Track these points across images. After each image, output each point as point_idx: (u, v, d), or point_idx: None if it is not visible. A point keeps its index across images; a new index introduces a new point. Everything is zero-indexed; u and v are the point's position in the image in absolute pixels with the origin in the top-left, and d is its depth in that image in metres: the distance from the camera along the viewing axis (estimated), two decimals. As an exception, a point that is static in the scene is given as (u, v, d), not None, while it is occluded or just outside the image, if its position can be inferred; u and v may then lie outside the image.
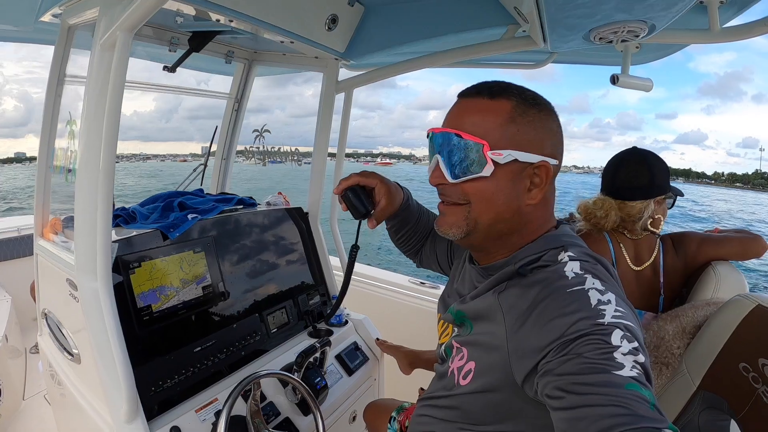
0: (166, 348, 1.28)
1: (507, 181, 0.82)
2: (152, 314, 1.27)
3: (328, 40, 1.56)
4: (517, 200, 0.83)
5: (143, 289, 1.26)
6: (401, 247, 1.33)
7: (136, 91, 1.85)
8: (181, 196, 1.58)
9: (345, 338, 1.86)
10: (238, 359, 1.47)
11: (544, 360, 0.68)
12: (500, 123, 0.81)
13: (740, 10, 1.26)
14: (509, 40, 1.52)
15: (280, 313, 1.70)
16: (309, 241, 1.97)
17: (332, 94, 1.84)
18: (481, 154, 0.80)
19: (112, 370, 1.07)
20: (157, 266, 1.32)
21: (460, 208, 0.85)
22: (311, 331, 1.78)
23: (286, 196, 1.98)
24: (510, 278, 0.83)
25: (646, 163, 1.50)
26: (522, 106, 0.82)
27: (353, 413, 1.72)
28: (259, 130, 2.02)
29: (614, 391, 0.57)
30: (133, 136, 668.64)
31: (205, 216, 1.51)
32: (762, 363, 0.93)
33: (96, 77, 1.01)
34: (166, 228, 1.34)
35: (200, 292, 1.42)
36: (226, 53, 1.74)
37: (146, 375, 1.19)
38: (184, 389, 1.27)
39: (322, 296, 1.93)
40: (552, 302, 0.72)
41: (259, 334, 1.58)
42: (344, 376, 1.72)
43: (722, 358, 1.04)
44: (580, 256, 0.80)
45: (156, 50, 1.56)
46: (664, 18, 1.12)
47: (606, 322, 0.65)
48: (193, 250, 1.44)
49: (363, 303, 2.59)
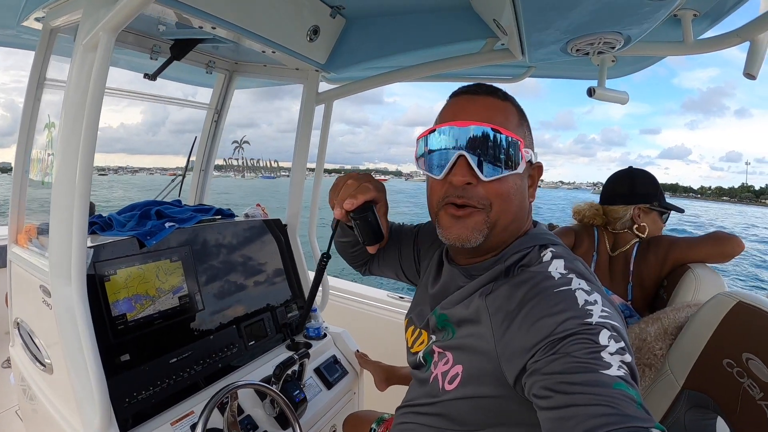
0: (141, 358, 1.24)
1: (522, 181, 0.85)
2: (127, 323, 1.23)
3: (310, 51, 1.57)
4: (525, 199, 0.87)
5: (118, 297, 1.23)
6: (353, 258, 1.25)
7: (122, 103, 1.83)
8: (158, 206, 1.55)
9: (324, 351, 1.84)
10: (215, 371, 1.43)
11: (532, 359, 0.67)
12: (517, 124, 0.84)
13: (713, 23, 1.31)
14: (488, 53, 1.56)
15: (257, 325, 1.67)
16: (287, 253, 1.95)
17: (312, 105, 1.85)
18: (518, 151, 0.80)
19: (85, 380, 1.04)
20: (132, 274, 1.29)
21: (481, 213, 0.82)
22: (289, 343, 1.75)
23: (264, 208, 1.97)
24: (496, 278, 0.84)
25: (630, 175, 1.77)
26: (520, 111, 0.87)
27: (333, 427, 1.68)
28: (239, 142, 2.01)
29: (602, 391, 0.58)
30: (119, 148, 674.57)
31: (183, 225, 1.49)
32: (746, 357, 0.95)
33: (77, 78, 0.99)
34: (143, 235, 1.32)
35: (177, 302, 1.39)
36: (207, 63, 1.74)
37: (120, 386, 1.15)
38: (159, 401, 1.23)
39: (300, 308, 1.91)
40: (539, 302, 0.72)
41: (237, 346, 1.55)
42: (323, 390, 1.69)
43: (705, 355, 1.06)
44: (562, 253, 0.82)
45: (137, 59, 1.54)
46: (639, 30, 1.17)
47: (594, 321, 0.66)
48: (170, 259, 1.41)
49: (341, 317, 2.57)
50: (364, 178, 0.93)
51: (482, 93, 0.85)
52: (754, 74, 1.28)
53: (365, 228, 0.93)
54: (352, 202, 0.89)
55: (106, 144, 38.39)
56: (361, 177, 0.93)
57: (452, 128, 0.81)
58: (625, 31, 1.17)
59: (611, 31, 1.17)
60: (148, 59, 1.51)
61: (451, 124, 0.81)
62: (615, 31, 1.17)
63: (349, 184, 0.91)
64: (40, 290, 1.20)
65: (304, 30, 1.46)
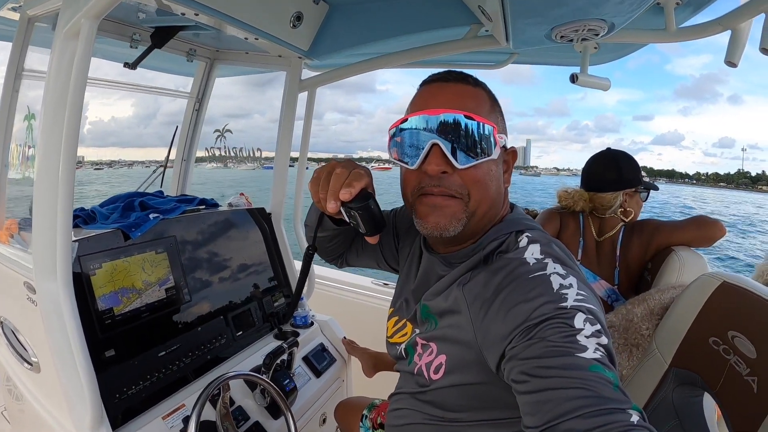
0: (129, 353, 1.23)
1: (498, 166, 0.84)
2: (114, 317, 1.22)
3: (293, 37, 1.55)
4: (501, 185, 0.86)
5: (104, 291, 1.21)
6: (328, 252, 1.19)
7: (114, 96, 1.78)
8: (141, 197, 1.53)
9: (311, 339, 1.84)
10: (204, 363, 1.43)
11: (510, 345, 0.68)
12: (489, 109, 0.83)
13: (695, 11, 1.34)
14: (472, 39, 1.56)
15: (245, 315, 1.67)
16: (272, 242, 1.94)
17: (295, 93, 1.83)
18: (492, 137, 0.79)
19: (74, 377, 1.02)
20: (118, 267, 1.26)
21: (459, 201, 0.80)
22: (277, 333, 1.75)
23: (248, 197, 1.95)
24: (474, 267, 0.84)
25: (615, 160, 1.74)
26: (492, 97, 0.86)
27: (323, 415, 1.70)
28: (220, 130, 1.97)
29: (578, 374, 0.58)
30: (111, 142, 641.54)
31: (167, 216, 1.47)
32: (732, 335, 0.99)
33: (58, 67, 0.96)
34: (127, 227, 1.29)
35: (163, 294, 1.38)
36: (188, 51, 1.70)
37: (110, 382, 1.13)
38: (150, 395, 1.23)
39: (286, 297, 1.91)
40: (515, 289, 0.72)
41: (225, 336, 1.54)
42: (312, 378, 1.70)
43: (692, 334, 1.10)
44: (538, 237, 0.82)
45: (115, 48, 1.50)
46: (623, 17, 1.19)
47: (568, 305, 0.66)
48: (155, 250, 1.39)
49: (327, 305, 2.58)
50: (350, 164, 0.85)
51: (452, 80, 0.83)
52: (735, 62, 1.31)
53: (367, 217, 0.85)
54: (349, 191, 0.80)
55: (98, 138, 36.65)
56: (348, 164, 0.85)
57: (424, 116, 0.79)
58: (609, 18, 1.19)
59: (596, 18, 1.19)
60: (127, 48, 1.47)
61: (422, 112, 0.79)
62: (599, 18, 1.19)
63: (338, 173, 0.82)
64: (24, 287, 1.17)
65: (287, 16, 1.44)
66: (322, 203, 0.85)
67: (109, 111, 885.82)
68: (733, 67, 1.34)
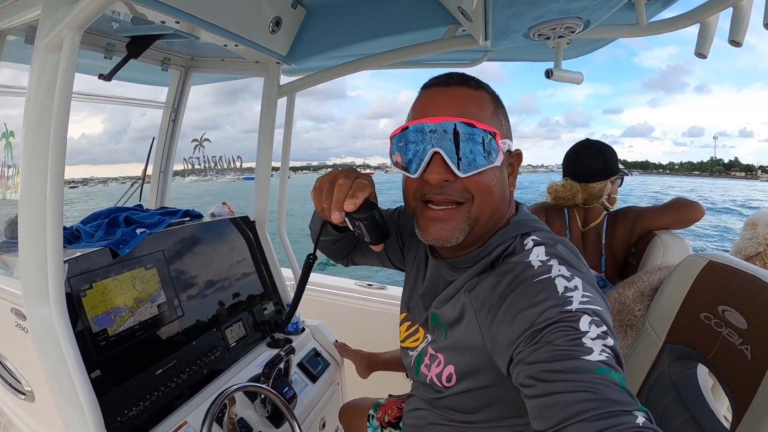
0: (127, 373, 1.19)
1: (502, 171, 0.82)
2: (109, 338, 1.18)
3: (272, 43, 1.53)
4: (506, 189, 0.85)
5: (97, 312, 1.17)
6: (334, 253, 1.21)
7: (83, 113, 1.71)
8: (123, 212, 1.48)
9: (304, 345, 1.83)
10: (201, 377, 1.40)
11: (516, 350, 0.68)
12: (491, 113, 0.81)
13: (665, 6, 1.39)
14: (450, 39, 1.58)
15: (237, 325, 1.64)
16: (258, 250, 1.91)
17: (274, 98, 1.81)
18: (494, 143, 0.78)
19: (74, 403, 0.98)
20: (109, 286, 1.22)
21: (460, 209, 0.80)
22: (269, 341, 1.73)
23: (231, 206, 1.92)
24: (481, 272, 0.84)
25: (600, 150, 1.81)
26: (495, 99, 0.84)
27: (322, 419, 1.69)
28: (199, 140, 1.94)
29: (583, 377, 0.58)
30: (81, 159, 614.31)
31: (154, 230, 1.43)
32: (722, 309, 1.05)
33: (39, 81, 0.92)
34: (115, 245, 1.25)
35: (156, 310, 1.34)
36: (162, 60, 1.65)
37: (111, 404, 1.09)
38: (151, 415, 1.19)
39: (276, 305, 1.89)
40: (520, 293, 0.73)
41: (219, 349, 1.52)
42: (309, 384, 1.69)
43: (683, 311, 1.16)
44: (544, 239, 0.82)
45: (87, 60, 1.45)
46: (599, 14, 1.22)
47: (573, 308, 0.66)
48: (144, 266, 1.35)
49: (314, 310, 2.56)
50: (353, 173, 0.83)
51: (453, 84, 0.82)
52: (705, 53, 1.38)
53: (372, 227, 0.84)
54: (353, 202, 0.78)
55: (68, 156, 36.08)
56: (350, 173, 0.83)
57: (425, 124, 0.77)
58: (586, 16, 1.22)
59: (572, 17, 1.22)
60: (99, 60, 1.42)
61: (423, 120, 0.78)
62: (576, 16, 1.22)
63: (341, 184, 0.80)
64: (12, 314, 1.11)
65: (266, 22, 1.42)
66: (325, 213, 0.84)
67: (79, 128, 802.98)
68: (703, 59, 1.41)
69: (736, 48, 1.30)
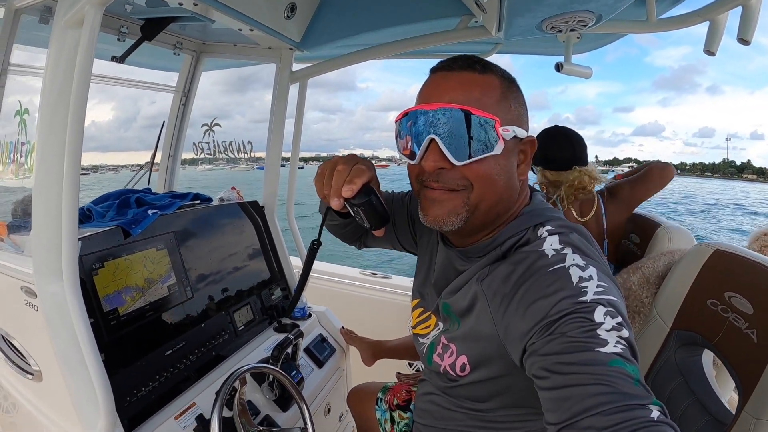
0: (137, 353, 1.20)
1: (506, 159, 0.79)
2: (119, 318, 1.19)
3: (286, 28, 1.53)
4: (513, 178, 0.82)
5: (108, 291, 1.18)
6: (346, 236, 1.20)
7: (92, 100, 1.71)
8: (135, 194, 1.49)
9: (310, 331, 1.84)
10: (210, 359, 1.41)
11: (530, 341, 0.67)
12: (497, 98, 0.78)
13: (675, 3, 1.38)
14: (462, 30, 1.57)
15: (245, 309, 1.65)
16: (266, 235, 1.92)
17: (286, 85, 1.80)
18: (493, 131, 0.75)
19: (86, 383, 0.98)
20: (120, 266, 1.23)
21: (460, 195, 0.78)
22: (276, 326, 1.74)
23: (239, 191, 1.92)
24: (493, 262, 0.82)
25: (569, 138, 1.82)
26: (506, 82, 0.80)
27: (327, 405, 1.71)
28: (209, 124, 1.94)
29: (598, 369, 0.57)
30: (91, 147, 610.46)
31: (165, 211, 1.43)
32: (728, 295, 1.07)
33: (58, 59, 0.92)
34: (127, 224, 1.26)
35: (166, 291, 1.35)
36: (175, 44, 1.65)
37: (120, 384, 1.09)
38: (159, 396, 1.20)
39: (283, 290, 1.90)
40: (534, 283, 0.71)
41: (228, 332, 1.53)
42: (315, 369, 1.70)
43: (690, 298, 1.18)
44: (558, 228, 0.80)
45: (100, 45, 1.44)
46: (611, 9, 1.22)
47: (588, 299, 0.65)
48: (155, 247, 1.36)
49: (319, 297, 2.57)
50: (352, 159, 0.84)
51: (458, 68, 0.79)
52: (713, 51, 1.38)
53: (371, 212, 0.85)
54: (351, 188, 0.80)
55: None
56: (349, 159, 0.84)
57: (424, 111, 0.76)
58: (598, 10, 1.21)
59: (585, 10, 1.22)
60: (109, 44, 1.41)
61: (421, 106, 0.77)
62: (588, 10, 1.22)
63: (340, 170, 0.82)
64: (22, 291, 1.12)
65: (281, 7, 1.42)
66: (326, 199, 0.86)
67: (89, 115, 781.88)
68: (712, 56, 1.41)
69: (749, 49, 1.30)
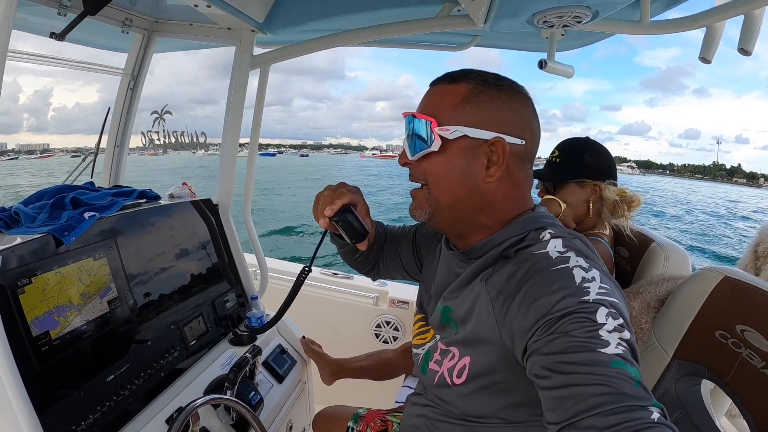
0: (73, 382, 1.04)
1: (460, 159, 0.84)
2: (51, 342, 1.01)
3: (248, 7, 1.37)
4: (474, 178, 0.84)
5: (37, 313, 1.00)
6: (359, 265, 1.28)
7: (78, 82, 1.49)
8: (72, 191, 1.30)
9: (269, 342, 1.72)
10: (158, 381, 1.26)
11: (532, 339, 0.68)
12: (454, 103, 0.84)
13: (670, 6, 1.35)
14: (443, 18, 1.47)
15: (197, 321, 1.50)
16: (221, 237, 1.76)
17: (246, 70, 1.64)
18: (429, 130, 0.84)
19: (11, 420, 0.84)
20: (50, 281, 1.05)
21: (422, 191, 0.89)
22: (232, 337, 1.60)
23: (191, 186, 1.75)
24: (495, 262, 0.84)
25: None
26: (480, 87, 0.85)
27: (289, 422, 1.59)
28: (159, 112, 1.74)
29: (599, 370, 0.58)
30: (75, 128, 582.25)
31: (105, 214, 1.25)
32: (741, 329, 1.00)
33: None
34: (59, 231, 1.08)
35: (106, 307, 1.18)
36: (123, 21, 1.44)
37: (55, 421, 0.94)
38: (102, 429, 1.05)
39: (239, 297, 1.75)
40: (536, 282, 0.72)
41: (177, 349, 1.37)
42: (275, 384, 1.58)
43: (695, 328, 1.11)
44: (560, 232, 0.82)
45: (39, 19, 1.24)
46: (610, 6, 1.17)
47: (591, 299, 0.66)
48: (93, 256, 1.18)
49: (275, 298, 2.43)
50: (339, 186, 1.01)
51: (438, 82, 0.89)
52: (709, 59, 1.34)
53: (348, 228, 0.99)
54: (331, 208, 0.97)
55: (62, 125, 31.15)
56: (336, 186, 1.02)
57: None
58: (596, 6, 1.17)
59: (582, 6, 1.17)
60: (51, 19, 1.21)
61: (404, 113, 0.90)
62: (586, 5, 1.16)
63: (326, 195, 1.00)
64: None
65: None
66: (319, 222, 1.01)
67: (74, 97, 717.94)
68: (707, 63, 1.37)
69: (735, 54, 1.27)
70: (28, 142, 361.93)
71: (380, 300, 2.41)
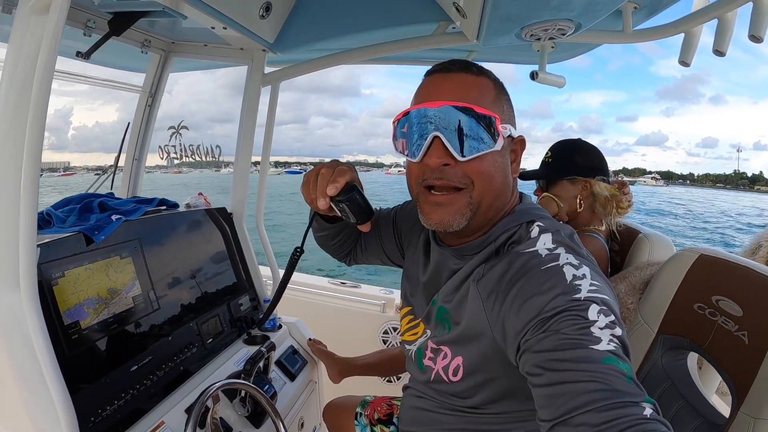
0: (100, 370, 1.11)
1: (504, 157, 0.83)
2: (81, 332, 1.09)
3: (260, 28, 1.48)
4: (509, 176, 0.85)
5: (69, 304, 1.08)
6: (335, 250, 1.23)
7: (98, 101, 1.59)
8: (98, 198, 1.39)
9: (281, 342, 1.78)
10: (178, 375, 1.33)
11: (524, 338, 0.68)
12: (493, 99, 0.82)
13: (650, 15, 1.43)
14: (440, 35, 1.57)
15: (213, 321, 1.57)
16: (235, 244, 1.85)
17: (258, 87, 1.75)
18: (494, 128, 0.78)
19: (46, 403, 0.89)
20: (81, 276, 1.14)
21: (461, 194, 0.80)
22: (246, 338, 1.67)
23: (206, 197, 1.84)
24: (487, 260, 0.84)
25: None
26: (498, 85, 0.85)
27: (301, 419, 1.64)
28: (176, 127, 1.85)
29: (591, 367, 0.59)
30: (95, 147, 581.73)
31: (130, 217, 1.35)
32: (716, 299, 1.08)
33: (19, 47, 0.84)
34: (90, 230, 1.17)
35: (130, 302, 1.26)
36: (143, 42, 1.57)
37: (83, 404, 1.00)
38: (126, 415, 1.12)
39: (252, 300, 1.83)
40: (528, 281, 0.73)
41: (195, 345, 1.44)
42: (287, 382, 1.64)
43: (676, 303, 1.19)
44: (549, 226, 0.83)
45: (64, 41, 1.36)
46: (590, 18, 1.24)
47: (582, 297, 0.66)
48: (119, 255, 1.27)
49: (287, 308, 2.50)
50: (334, 163, 0.90)
51: (456, 70, 0.82)
52: (688, 62, 1.43)
53: (355, 207, 0.91)
54: (334, 186, 0.85)
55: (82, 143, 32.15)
56: (332, 163, 0.90)
57: (426, 109, 0.78)
58: (578, 18, 1.23)
59: (565, 19, 1.23)
60: (74, 40, 1.33)
61: (424, 105, 0.79)
62: (568, 18, 1.24)
63: (324, 173, 0.88)
64: None
65: (256, 5, 1.37)
66: (314, 203, 0.90)
67: (93, 116, 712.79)
68: (686, 66, 1.46)
69: (753, 58, 1.36)
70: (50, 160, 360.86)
71: (387, 307, 2.47)
